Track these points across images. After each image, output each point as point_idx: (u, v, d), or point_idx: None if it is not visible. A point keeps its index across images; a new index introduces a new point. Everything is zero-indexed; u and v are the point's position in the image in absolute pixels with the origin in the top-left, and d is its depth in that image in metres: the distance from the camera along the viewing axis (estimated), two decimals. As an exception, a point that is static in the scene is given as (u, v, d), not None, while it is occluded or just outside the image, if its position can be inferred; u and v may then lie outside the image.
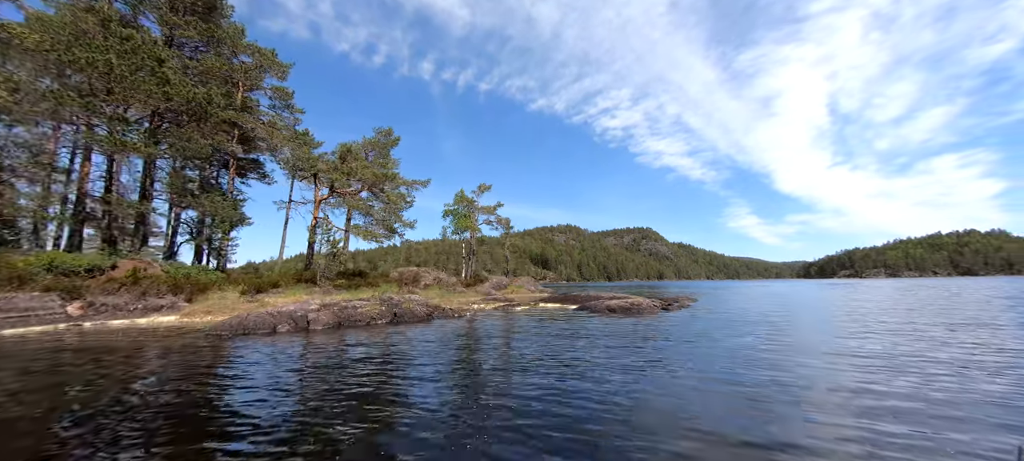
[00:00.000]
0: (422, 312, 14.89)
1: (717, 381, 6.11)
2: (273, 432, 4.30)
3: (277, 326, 11.80)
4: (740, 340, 9.85)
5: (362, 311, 13.81)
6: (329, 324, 12.61)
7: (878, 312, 16.00)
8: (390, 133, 40.75)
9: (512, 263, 64.52)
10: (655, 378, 6.32)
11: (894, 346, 8.75)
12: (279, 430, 4.35)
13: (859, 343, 9.21)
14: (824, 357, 7.83)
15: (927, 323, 12.46)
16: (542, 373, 6.72)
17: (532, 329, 12.46)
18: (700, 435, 4.06)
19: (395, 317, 14.17)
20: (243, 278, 21.50)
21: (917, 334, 10.35)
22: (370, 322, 13.44)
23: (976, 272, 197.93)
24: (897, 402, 5.07)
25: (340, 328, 12.52)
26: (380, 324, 13.36)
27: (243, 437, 4.17)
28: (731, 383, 5.98)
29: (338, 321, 12.99)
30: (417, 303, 15.67)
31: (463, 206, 41.28)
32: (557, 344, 9.56)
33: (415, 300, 16.37)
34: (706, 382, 6.06)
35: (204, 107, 20.95)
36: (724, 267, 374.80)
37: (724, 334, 10.97)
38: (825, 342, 9.45)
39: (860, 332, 10.88)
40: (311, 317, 12.57)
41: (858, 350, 8.40)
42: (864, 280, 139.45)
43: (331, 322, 12.79)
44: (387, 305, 14.80)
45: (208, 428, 4.45)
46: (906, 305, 18.69)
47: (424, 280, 35.88)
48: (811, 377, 6.34)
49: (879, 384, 5.87)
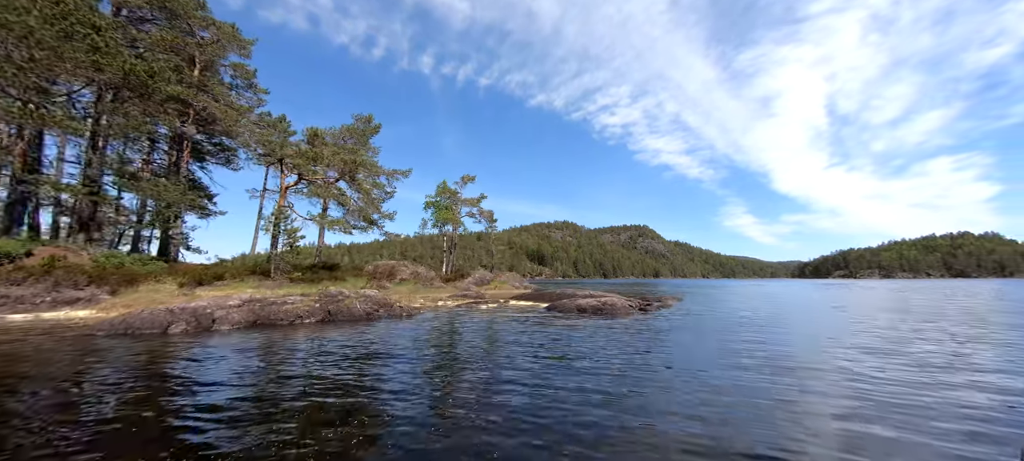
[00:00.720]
0: (362, 310, 12.96)
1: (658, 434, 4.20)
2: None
3: (171, 325, 9.86)
4: (715, 350, 7.97)
5: (288, 309, 11.88)
6: (241, 323, 10.69)
7: (871, 317, 14.16)
8: (370, 120, 38.68)
9: (497, 258, 62.54)
10: (572, 413, 4.42)
11: (886, 368, 6.87)
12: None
13: (851, 361, 7.33)
14: (807, 373, 5.95)
15: (935, 333, 10.60)
16: (415, 402, 4.82)
17: (477, 333, 10.56)
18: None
19: (328, 316, 12.25)
20: (187, 269, 19.55)
21: (924, 352, 8.48)
22: (294, 322, 11.52)
23: (969, 274, 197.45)
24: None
25: (254, 328, 10.60)
26: (306, 324, 11.44)
27: None
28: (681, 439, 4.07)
29: (255, 320, 11.07)
30: (362, 300, 13.74)
31: (445, 198, 39.27)
32: (489, 358, 7.65)
33: (364, 296, 14.45)
34: (639, 428, 4.15)
35: (145, 81, 18.91)
36: (720, 266, 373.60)
37: (696, 345, 9.07)
38: (816, 356, 7.57)
39: (853, 346, 9.00)
40: (218, 315, 10.63)
41: (853, 370, 6.52)
42: (858, 281, 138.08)
43: (245, 321, 10.86)
44: (323, 302, 12.88)
45: None
46: (904, 309, 16.91)
47: (400, 274, 33.96)
48: (791, 418, 4.44)
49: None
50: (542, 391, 5.32)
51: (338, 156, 27.27)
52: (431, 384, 5.72)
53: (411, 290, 26.98)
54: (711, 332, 10.57)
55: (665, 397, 5.05)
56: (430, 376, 6.17)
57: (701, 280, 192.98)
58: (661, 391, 5.33)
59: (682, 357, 7.47)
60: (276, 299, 12.79)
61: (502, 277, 41.28)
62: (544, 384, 5.65)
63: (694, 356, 7.57)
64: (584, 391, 5.31)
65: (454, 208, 39.46)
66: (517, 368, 6.62)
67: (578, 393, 5.21)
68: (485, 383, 5.72)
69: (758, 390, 5.35)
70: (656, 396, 5.10)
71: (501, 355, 7.67)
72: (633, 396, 5.10)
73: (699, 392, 5.25)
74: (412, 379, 5.97)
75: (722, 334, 10.36)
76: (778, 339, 9.54)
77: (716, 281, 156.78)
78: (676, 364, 6.88)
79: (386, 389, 5.45)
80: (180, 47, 22.52)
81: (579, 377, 6.06)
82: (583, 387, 5.49)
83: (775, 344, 8.83)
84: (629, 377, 6.07)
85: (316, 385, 5.58)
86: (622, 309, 14.70)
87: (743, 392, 5.26)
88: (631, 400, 4.94)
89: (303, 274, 22.70)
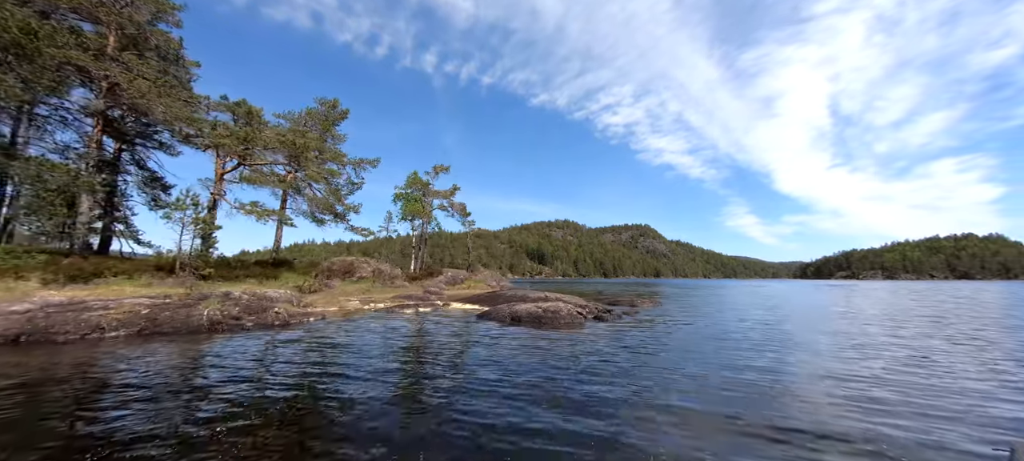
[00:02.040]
0: (206, 319, 9.53)
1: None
2: None
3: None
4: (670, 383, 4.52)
5: (89, 317, 8.51)
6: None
7: (900, 324, 10.59)
8: (335, 105, 35.41)
9: (473, 256, 58.45)
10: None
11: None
12: None
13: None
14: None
15: (950, 356, 7.05)
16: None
17: (341, 353, 7.15)
18: None
19: (152, 326, 8.87)
20: (70, 265, 16.27)
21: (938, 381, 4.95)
22: (89, 334, 8.15)
23: (973, 276, 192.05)
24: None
25: (10, 346, 7.26)
26: (108, 338, 8.09)
27: None
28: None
29: (19, 333, 7.72)
30: (229, 304, 10.35)
31: (415, 189, 35.79)
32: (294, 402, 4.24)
33: (237, 299, 11.10)
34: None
35: (20, 41, 15.64)
36: (722, 266, 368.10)
37: (643, 380, 5.60)
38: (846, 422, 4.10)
39: (863, 371, 5.49)
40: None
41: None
42: (861, 282, 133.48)
43: (13, 331, 7.52)
44: (153, 310, 9.50)
45: None
46: (939, 315, 13.32)
47: (360, 271, 30.60)
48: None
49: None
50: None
51: (282, 139, 23.92)
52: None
53: (362, 289, 23.62)
54: (674, 364, 7.09)
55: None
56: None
57: (701, 280, 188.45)
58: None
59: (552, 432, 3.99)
60: (95, 302, 9.44)
61: (479, 275, 37.81)
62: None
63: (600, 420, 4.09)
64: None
65: (425, 201, 36.00)
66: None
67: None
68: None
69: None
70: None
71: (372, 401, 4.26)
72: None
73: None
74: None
75: (690, 365, 6.87)
76: (783, 380, 6.03)
77: (715, 281, 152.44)
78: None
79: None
80: (88, 9, 19.27)
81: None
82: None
83: (777, 395, 5.32)
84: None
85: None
86: (567, 318, 11.23)
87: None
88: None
89: (220, 271, 19.39)
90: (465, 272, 36.20)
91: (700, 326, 10.76)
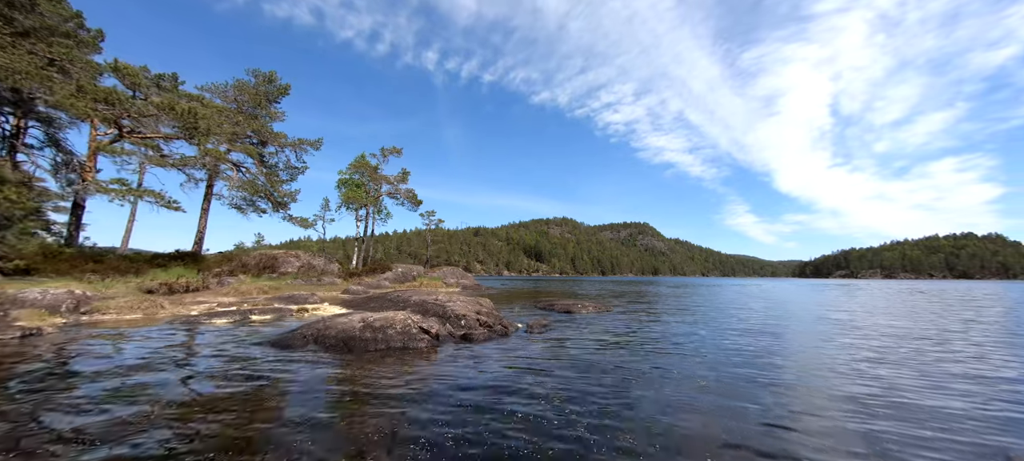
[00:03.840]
0: None
1: None
2: None
3: None
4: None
5: None
6: None
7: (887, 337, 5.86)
8: (272, 79, 30.74)
9: (433, 250, 52.98)
10: None
11: None
12: None
13: None
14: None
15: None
16: None
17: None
18: None
19: None
20: None
21: None
22: None
23: (972, 275, 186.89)
24: None
25: None
26: None
27: None
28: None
29: None
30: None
31: (361, 174, 30.96)
32: None
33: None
34: None
35: None
36: (720, 264, 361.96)
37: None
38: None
39: None
40: None
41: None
42: (859, 281, 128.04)
43: None
44: None
45: None
46: (975, 319, 8.59)
47: (285, 266, 25.94)
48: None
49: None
50: None
51: (167, 106, 19.24)
52: None
53: (264, 287, 18.90)
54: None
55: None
56: None
57: (699, 278, 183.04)
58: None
59: None
60: None
61: (436, 273, 32.92)
62: None
63: None
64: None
65: (368, 187, 31.17)
66: None
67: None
68: None
69: None
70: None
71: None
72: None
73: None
74: None
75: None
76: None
77: (712, 279, 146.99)
78: None
79: None
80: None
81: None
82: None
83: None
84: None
85: None
86: (400, 334, 6.54)
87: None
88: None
89: (51, 263, 14.78)
90: (419, 268, 31.38)
91: (640, 366, 6.03)
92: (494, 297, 19.19)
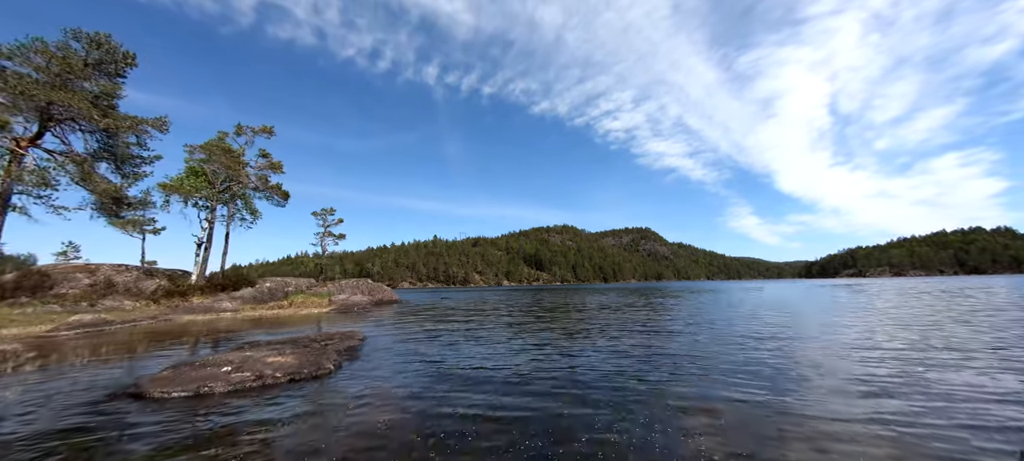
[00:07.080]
0: None
1: None
2: None
3: None
4: None
5: None
6: None
7: None
8: (103, 42, 20.86)
9: (326, 260, 43.94)
10: None
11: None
12: None
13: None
14: None
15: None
16: None
17: None
18: None
19: None
20: None
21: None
22: None
23: (984, 270, 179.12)
24: None
25: None
26: None
27: None
28: None
29: None
30: None
31: (213, 158, 24.42)
32: None
33: None
34: None
35: None
36: (725, 267, 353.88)
37: None
38: None
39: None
40: None
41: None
42: (867, 280, 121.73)
43: None
44: None
45: None
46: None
47: (63, 286, 19.51)
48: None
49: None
50: None
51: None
52: None
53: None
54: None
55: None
56: None
57: (703, 282, 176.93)
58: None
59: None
60: None
61: (327, 288, 27.80)
62: None
63: None
64: None
65: (217, 175, 25.05)
66: None
67: None
68: None
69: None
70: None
71: None
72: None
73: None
74: None
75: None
76: None
77: (719, 283, 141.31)
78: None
79: None
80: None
81: None
82: None
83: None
84: None
85: None
86: None
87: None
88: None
89: None
90: (300, 282, 26.55)
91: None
92: (392, 317, 14.91)
